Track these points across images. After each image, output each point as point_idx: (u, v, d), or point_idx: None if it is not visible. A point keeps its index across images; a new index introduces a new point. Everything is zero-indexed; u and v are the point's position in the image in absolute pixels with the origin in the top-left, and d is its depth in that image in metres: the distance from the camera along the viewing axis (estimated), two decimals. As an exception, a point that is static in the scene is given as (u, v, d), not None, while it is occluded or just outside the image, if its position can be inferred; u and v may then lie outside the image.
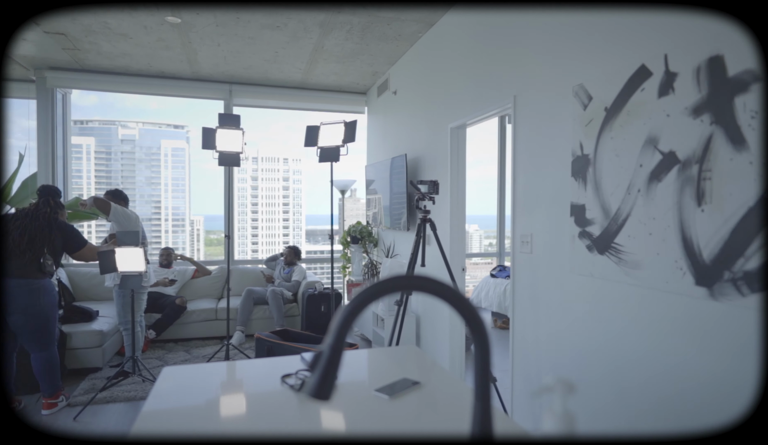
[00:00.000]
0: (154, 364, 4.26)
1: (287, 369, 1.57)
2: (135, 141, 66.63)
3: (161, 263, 5.35)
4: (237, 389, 1.46)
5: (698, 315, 1.75)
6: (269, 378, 1.50)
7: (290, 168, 74.40)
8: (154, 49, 4.64)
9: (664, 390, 1.90)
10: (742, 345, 1.60)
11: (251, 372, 1.60)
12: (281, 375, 1.47)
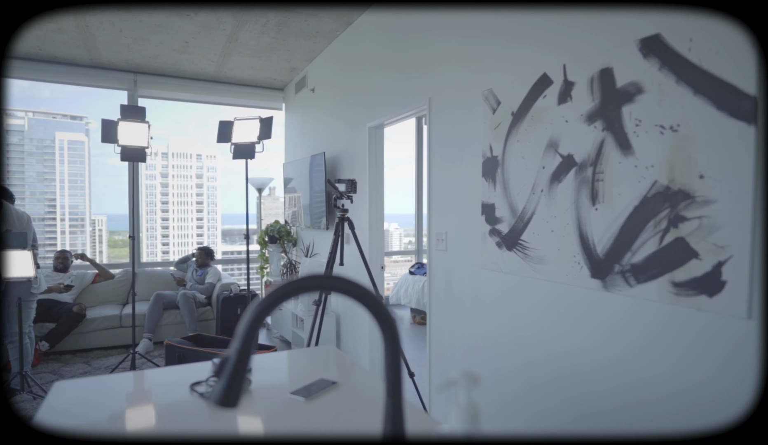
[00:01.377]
0: (47, 378, 3.87)
1: (198, 376, 1.50)
2: (24, 132, 60.09)
3: (56, 268, 4.87)
4: (144, 400, 1.36)
5: (594, 305, 1.92)
6: (178, 386, 1.42)
7: (204, 165, 71.05)
8: (46, 32, 4.20)
9: (570, 379, 2.06)
10: (631, 332, 1.77)
11: (159, 381, 1.50)
12: (190, 383, 1.40)
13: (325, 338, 4.16)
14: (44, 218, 59.49)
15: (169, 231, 68.76)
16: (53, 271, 4.85)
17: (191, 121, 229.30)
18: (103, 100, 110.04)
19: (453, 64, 2.75)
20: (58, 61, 4.99)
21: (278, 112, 6.12)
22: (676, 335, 1.62)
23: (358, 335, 4.02)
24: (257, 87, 5.93)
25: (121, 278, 5.28)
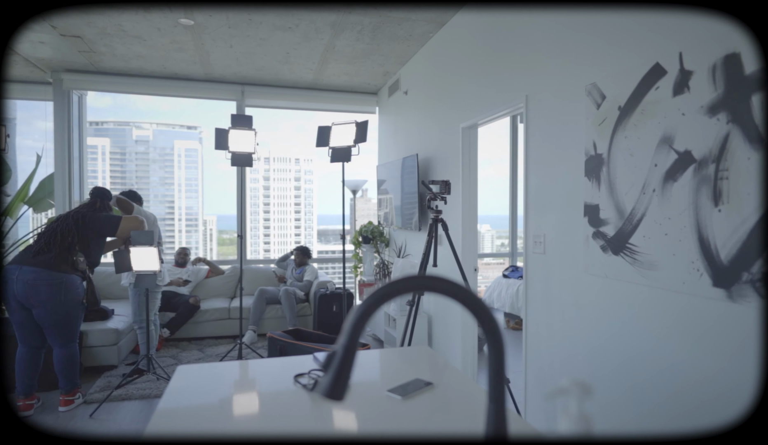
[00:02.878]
0: (168, 362, 4.31)
1: (300, 369, 1.58)
2: (149, 142, 67.25)
3: (176, 263, 5.41)
4: (250, 388, 1.47)
5: (716, 317, 1.73)
6: (282, 378, 1.51)
7: (302, 168, 74.63)
8: (168, 51, 4.69)
9: (679, 394, 1.88)
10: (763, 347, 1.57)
11: (264, 371, 1.61)
12: (294, 375, 1.48)
13: (417, 338, 4.18)
14: (164, 218, 66.32)
15: (270, 231, 73.10)
16: (174, 266, 5.39)
17: (289, 127, 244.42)
18: (214, 110, 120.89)
19: (552, 59, 2.64)
20: (178, 77, 5.54)
21: (372, 115, 6.28)
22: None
23: (450, 336, 4.00)
24: (352, 92, 6.12)
25: (230, 274, 5.73)
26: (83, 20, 3.93)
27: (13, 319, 3.20)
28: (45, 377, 3.55)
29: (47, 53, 4.76)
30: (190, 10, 3.72)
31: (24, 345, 3.25)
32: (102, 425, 3.11)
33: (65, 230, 3.25)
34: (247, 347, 4.42)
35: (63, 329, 3.23)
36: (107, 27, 4.08)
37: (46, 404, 3.41)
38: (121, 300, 5.03)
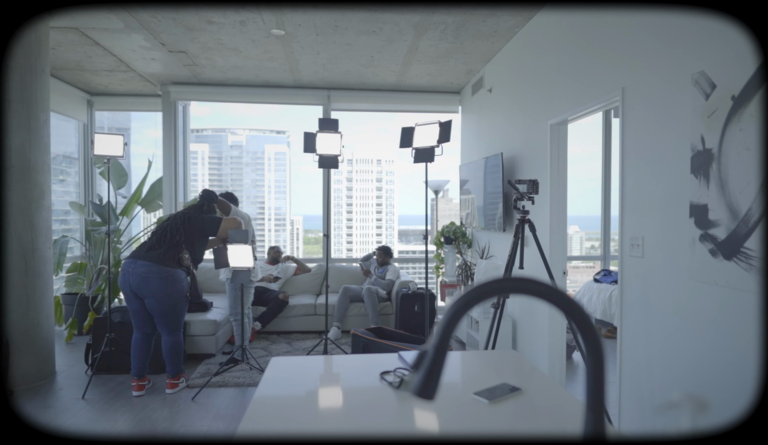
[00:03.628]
0: (259, 353, 4.57)
1: (385, 366, 1.61)
2: (242, 146, 71.68)
3: (268, 260, 5.73)
4: (338, 382, 1.52)
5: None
6: (368, 374, 1.55)
7: (383, 169, 75.66)
8: (261, 61, 4.97)
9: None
10: None
11: (350, 367, 1.66)
12: (380, 372, 1.51)
13: (501, 342, 4.08)
14: (255, 218, 70.38)
15: (353, 230, 74.91)
16: (266, 263, 5.71)
17: (371, 129, 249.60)
18: (301, 115, 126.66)
19: (652, 47, 2.45)
20: (269, 85, 5.86)
21: (454, 115, 6.22)
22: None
23: (535, 341, 3.85)
24: (434, 92, 6.11)
25: (316, 272, 5.95)
26: (188, 36, 4.28)
27: (129, 307, 3.56)
28: (154, 361, 3.92)
29: (157, 68, 5.26)
30: (279, 14, 3.92)
31: (138, 331, 3.61)
32: (202, 409, 3.37)
33: (174, 229, 3.57)
34: (332, 342, 4.57)
35: (170, 318, 3.55)
36: (208, 42, 4.42)
37: (155, 386, 3.76)
38: (218, 294, 5.41)
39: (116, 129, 8.71)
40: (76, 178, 6.34)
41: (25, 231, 3.66)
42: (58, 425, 3.10)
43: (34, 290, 3.74)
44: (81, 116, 6.20)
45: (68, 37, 4.34)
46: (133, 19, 3.91)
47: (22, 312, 3.66)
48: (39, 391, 3.66)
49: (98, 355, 3.90)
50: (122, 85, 5.92)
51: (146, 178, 5.84)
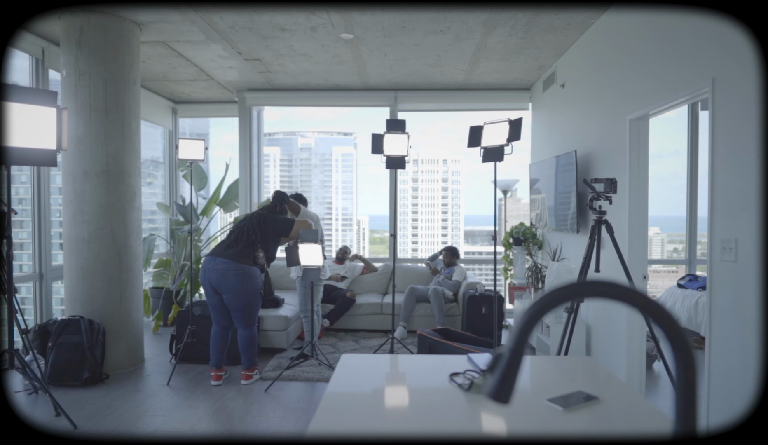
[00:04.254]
0: (327, 350, 4.69)
1: (454, 368, 1.60)
2: (311, 149, 73.81)
3: (336, 259, 5.87)
4: (407, 381, 1.53)
5: None
6: (436, 375, 1.54)
7: (449, 169, 74.98)
8: (330, 65, 5.10)
9: None
10: None
11: (418, 366, 1.66)
12: (449, 373, 1.50)
13: (573, 348, 3.91)
14: (323, 218, 72.07)
15: (418, 231, 74.83)
16: (334, 262, 5.85)
17: (437, 129, 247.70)
18: (366, 117, 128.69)
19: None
20: (338, 88, 6.00)
21: (524, 112, 6.04)
22: None
23: (612, 349, 3.65)
24: (503, 89, 5.97)
25: (382, 272, 6.02)
26: (262, 44, 4.48)
27: (209, 302, 3.79)
28: (231, 353, 4.13)
29: (234, 76, 5.55)
30: (348, 18, 4.00)
31: (216, 325, 3.83)
32: (274, 401, 3.51)
33: (250, 229, 3.75)
34: (398, 341, 4.60)
35: (245, 313, 3.73)
36: (281, 48, 4.60)
37: (231, 377, 3.96)
38: (289, 291, 5.62)
39: (197, 134, 9.28)
40: (162, 180, 6.84)
41: (119, 230, 4.00)
42: (148, 408, 3.35)
43: (126, 283, 4.07)
44: (166, 123, 6.68)
45: (156, 51, 4.69)
46: (212, 30, 4.15)
47: (116, 303, 4.00)
48: (130, 376, 3.98)
49: (181, 345, 4.18)
50: (203, 93, 6.31)
51: (224, 180, 6.18)
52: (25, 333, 3.49)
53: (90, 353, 3.74)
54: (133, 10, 3.77)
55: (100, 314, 3.92)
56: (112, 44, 3.90)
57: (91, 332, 3.80)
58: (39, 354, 3.82)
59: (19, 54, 4.30)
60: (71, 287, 3.96)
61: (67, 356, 3.72)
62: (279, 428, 3.07)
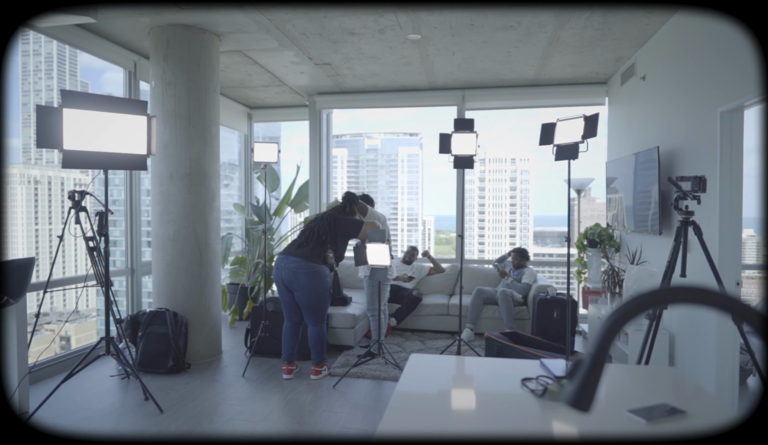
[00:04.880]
0: (394, 349, 4.72)
1: (525, 373, 1.55)
2: (378, 150, 74.64)
3: (403, 259, 5.89)
4: (476, 384, 1.51)
5: None
6: (506, 379, 1.51)
7: (518, 168, 73.00)
8: (397, 66, 5.14)
9: None
10: None
11: (488, 370, 1.63)
12: (520, 378, 1.46)
13: (655, 357, 3.66)
14: (389, 218, 72.65)
15: (485, 231, 73.49)
16: (401, 262, 5.88)
17: (504, 128, 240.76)
18: (432, 117, 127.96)
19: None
20: (405, 89, 6.03)
21: (600, 107, 5.75)
22: None
23: (699, 360, 3.38)
24: (576, 84, 5.71)
25: (449, 273, 5.96)
26: (332, 49, 4.60)
27: (281, 298, 3.94)
28: (301, 349, 4.27)
29: (305, 81, 5.73)
30: (416, 19, 4.00)
31: (288, 320, 3.97)
32: (342, 397, 3.59)
33: (320, 229, 3.86)
34: (465, 343, 4.54)
35: (315, 310, 3.84)
36: (350, 52, 4.69)
37: (301, 371, 4.10)
38: (357, 290, 5.72)
39: (269, 138, 9.70)
40: (238, 182, 7.22)
41: (200, 229, 4.26)
42: (225, 397, 3.55)
43: (206, 279, 4.33)
44: (242, 128, 7.03)
45: (234, 59, 4.95)
46: (285, 37, 4.31)
47: (197, 298, 4.27)
48: (209, 367, 4.22)
49: (255, 339, 4.38)
50: (275, 98, 6.58)
51: (295, 181, 6.41)
52: (119, 323, 3.81)
53: (174, 343, 4.01)
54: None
55: (183, 307, 4.20)
56: (195, 55, 4.17)
57: (176, 324, 4.08)
58: (130, 342, 4.16)
59: (114, 68, 4.71)
60: (158, 281, 4.28)
61: (154, 345, 4.02)
62: (346, 424, 3.13)
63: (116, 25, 4.10)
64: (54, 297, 3.62)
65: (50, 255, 3.65)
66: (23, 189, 11.99)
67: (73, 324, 5.89)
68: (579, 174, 6.02)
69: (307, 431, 3.05)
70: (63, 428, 3.02)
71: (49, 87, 18.28)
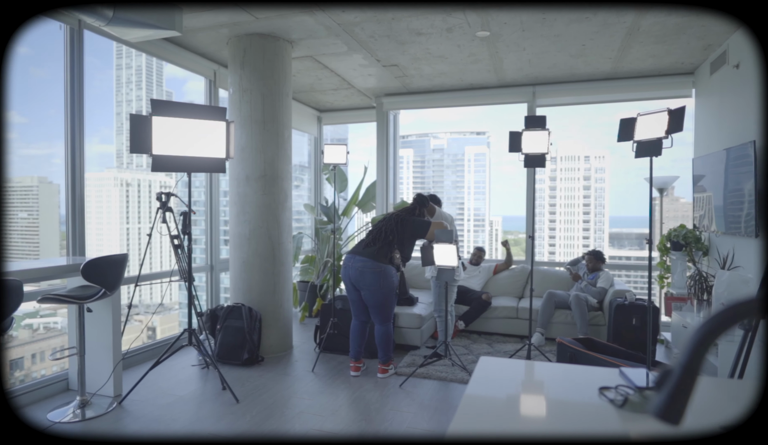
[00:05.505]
0: (461, 351, 4.67)
1: (602, 381, 1.47)
2: (444, 150, 74.30)
3: (471, 261, 5.80)
4: (550, 390, 1.45)
5: None
6: (582, 387, 1.44)
7: (592, 166, 69.63)
8: (465, 65, 5.07)
9: None
10: None
11: (562, 376, 1.57)
12: (598, 387, 1.39)
13: (751, 372, 3.34)
14: (456, 219, 71.83)
15: (556, 232, 70.82)
16: (469, 263, 5.80)
17: (577, 124, 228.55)
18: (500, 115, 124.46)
19: None
20: (473, 88, 5.94)
21: (686, 100, 5.34)
22: None
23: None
24: (659, 76, 5.35)
25: (518, 274, 5.79)
26: (399, 50, 4.62)
27: (349, 297, 4.02)
28: (368, 347, 4.33)
29: (372, 83, 5.81)
30: (485, 15, 3.93)
31: (356, 319, 4.05)
32: (408, 396, 3.60)
33: (388, 229, 3.89)
34: (535, 348, 4.39)
35: (381, 309, 3.88)
36: (417, 52, 4.70)
37: (368, 369, 4.16)
38: (423, 290, 5.71)
39: (337, 140, 9.92)
40: (308, 183, 7.45)
41: (273, 228, 4.45)
42: (296, 391, 3.68)
43: (279, 276, 4.51)
44: (312, 130, 7.25)
45: (305, 65, 5.12)
46: (354, 41, 4.39)
47: (270, 294, 4.46)
48: (280, 361, 4.40)
49: (324, 336, 4.50)
50: (344, 101, 6.72)
51: (362, 182, 6.51)
52: (200, 316, 4.06)
53: (249, 337, 4.22)
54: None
55: (258, 303, 4.40)
56: (270, 62, 4.35)
57: (251, 319, 4.28)
58: (209, 334, 4.43)
59: (195, 77, 5.03)
60: (235, 278, 4.52)
61: (231, 338, 4.24)
62: (413, 424, 3.14)
63: (198, 37, 4.38)
64: (142, 290, 3.94)
65: (139, 252, 3.97)
66: (117, 191, 13.11)
67: (158, 316, 6.36)
68: (661, 172, 5.63)
69: (375, 428, 3.09)
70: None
71: (139, 97, 19.82)
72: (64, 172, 3.75)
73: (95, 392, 3.44)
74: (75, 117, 3.70)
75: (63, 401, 3.39)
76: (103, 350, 3.47)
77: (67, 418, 3.10)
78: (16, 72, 2.58)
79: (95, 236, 10.35)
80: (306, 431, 3.02)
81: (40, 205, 11.99)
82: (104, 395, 3.46)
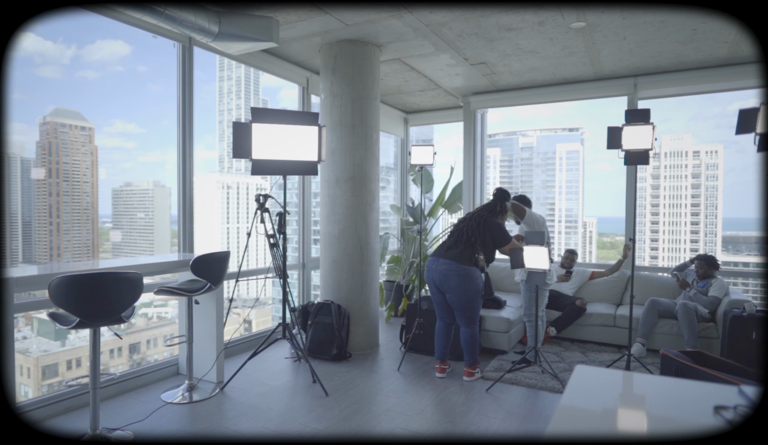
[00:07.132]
0: (551, 358, 4.46)
1: (718, 399, 1.33)
2: (533, 148, 71.51)
3: (562, 264, 5.53)
4: (656, 406, 1.35)
5: None
6: (694, 404, 1.32)
7: (702, 162, 63.30)
8: (558, 59, 4.84)
9: None
10: None
11: (669, 391, 1.44)
12: (713, 405, 1.26)
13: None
14: (546, 220, 68.77)
15: (659, 235, 65.33)
16: (560, 266, 5.53)
17: (683, 117, 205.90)
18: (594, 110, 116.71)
19: None
20: (566, 82, 5.65)
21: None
22: None
23: None
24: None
25: (617, 280, 5.42)
26: (487, 47, 4.53)
27: (433, 299, 4.00)
28: (454, 349, 4.29)
29: (459, 82, 5.75)
30: (581, 11, 3.73)
31: (440, 320, 4.02)
32: (495, 402, 3.51)
33: (469, 231, 3.83)
34: (635, 359, 4.09)
35: (467, 312, 3.83)
36: (507, 48, 4.57)
37: (454, 372, 4.12)
38: (511, 293, 5.54)
39: (422, 141, 9.93)
40: (394, 185, 7.54)
41: (361, 228, 4.56)
42: (382, 388, 3.74)
43: (366, 275, 4.62)
44: (399, 132, 7.33)
45: (392, 67, 5.19)
46: (441, 41, 4.38)
47: (358, 293, 4.58)
48: (367, 358, 4.49)
49: (410, 336, 4.53)
50: (430, 102, 6.72)
51: (449, 182, 6.47)
52: (293, 311, 4.28)
53: (338, 333, 4.36)
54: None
55: (346, 301, 4.54)
56: (359, 67, 4.47)
57: (339, 315, 4.43)
58: (301, 329, 4.64)
59: (288, 85, 5.30)
60: (325, 275, 4.69)
61: (321, 333, 4.42)
62: (500, 430, 3.06)
63: (293, 47, 4.61)
64: (239, 285, 4.24)
65: (238, 249, 4.26)
66: (219, 193, 14.22)
67: (254, 310, 6.80)
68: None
69: (461, 431, 3.05)
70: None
71: (238, 106, 21.31)
72: (176, 177, 4.13)
73: (201, 378, 3.75)
74: (186, 126, 4.06)
75: (173, 383, 3.74)
76: (208, 340, 3.77)
77: (177, 399, 3.42)
78: (136, 87, 2.84)
79: (200, 235, 11.32)
80: (392, 430, 3.06)
81: (155, 207, 13.33)
82: (208, 380, 3.76)
